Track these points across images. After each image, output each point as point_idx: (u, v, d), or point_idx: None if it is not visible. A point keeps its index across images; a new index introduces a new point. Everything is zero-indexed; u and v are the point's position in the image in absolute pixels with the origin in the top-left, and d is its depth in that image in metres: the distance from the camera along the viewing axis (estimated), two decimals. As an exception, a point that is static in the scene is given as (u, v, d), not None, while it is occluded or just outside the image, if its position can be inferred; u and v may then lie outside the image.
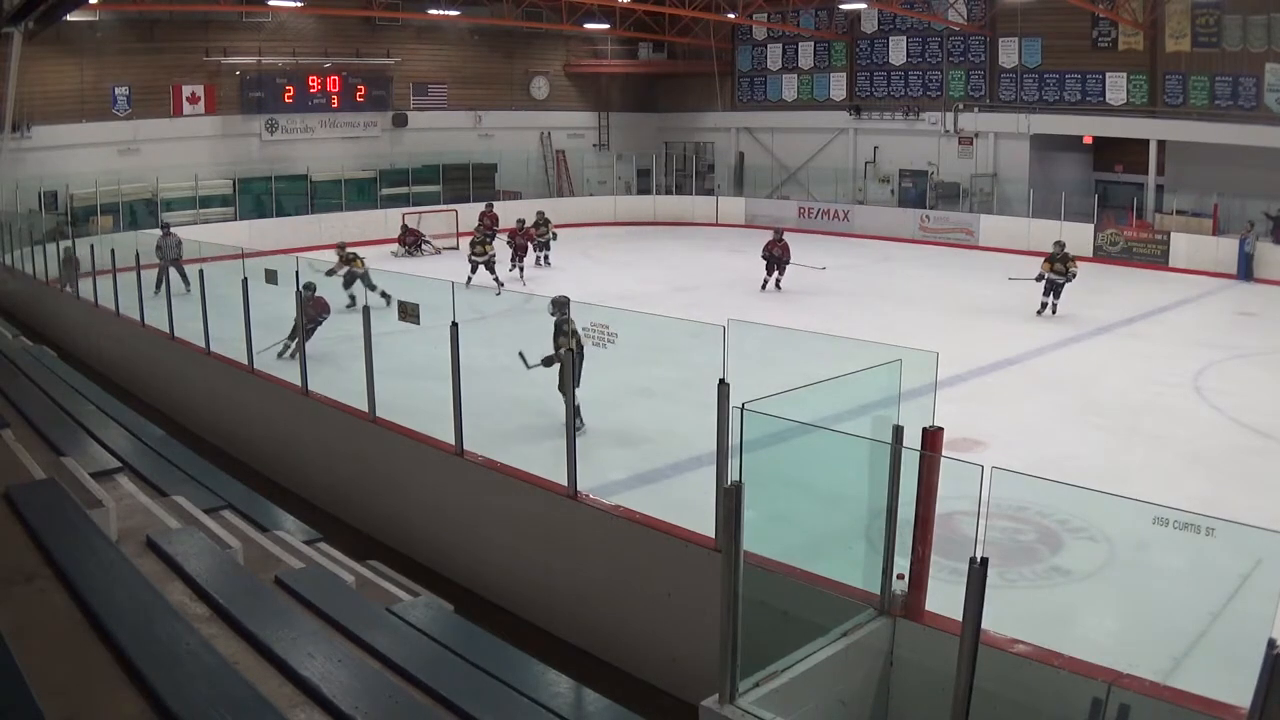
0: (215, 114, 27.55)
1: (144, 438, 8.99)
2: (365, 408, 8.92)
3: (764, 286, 20.19)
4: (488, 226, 23.79)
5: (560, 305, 10.58)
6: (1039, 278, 17.85)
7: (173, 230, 19.99)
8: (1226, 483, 9.42)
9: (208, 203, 26.44)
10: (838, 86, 31.67)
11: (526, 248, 21.73)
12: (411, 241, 26.05)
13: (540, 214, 23.79)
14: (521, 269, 21.34)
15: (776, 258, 20.20)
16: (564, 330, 10.48)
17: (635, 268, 23.57)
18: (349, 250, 18.11)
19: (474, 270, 19.67)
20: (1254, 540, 3.55)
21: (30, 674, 2.74)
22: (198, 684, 3.33)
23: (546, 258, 23.30)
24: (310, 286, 12.54)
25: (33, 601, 3.84)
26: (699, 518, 6.15)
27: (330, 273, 16.61)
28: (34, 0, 13.47)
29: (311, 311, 12.70)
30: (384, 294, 13.45)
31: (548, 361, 10.15)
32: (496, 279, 19.47)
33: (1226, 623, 4.96)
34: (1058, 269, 17.67)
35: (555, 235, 23.69)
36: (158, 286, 14.37)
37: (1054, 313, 17.61)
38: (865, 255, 25.80)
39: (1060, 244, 18.19)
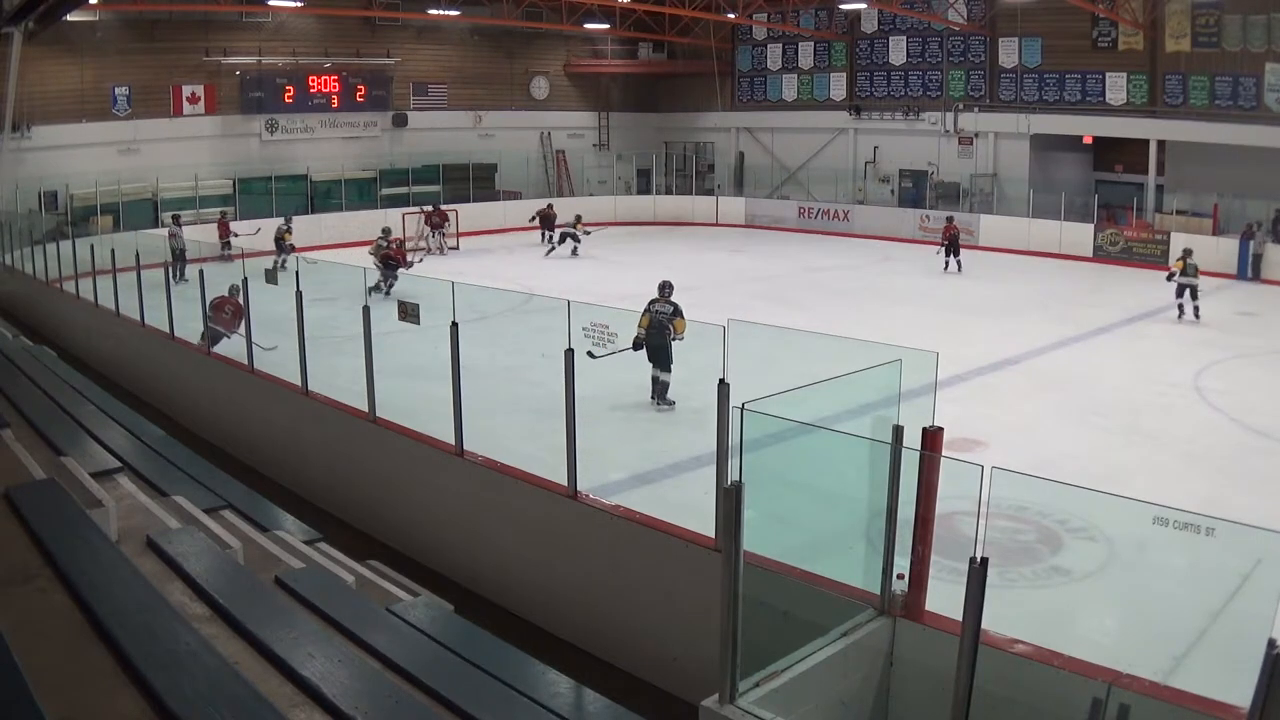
0: (215, 114, 27.57)
1: (144, 438, 8.99)
2: (366, 408, 8.92)
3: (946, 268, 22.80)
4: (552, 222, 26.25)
5: (661, 288, 11.78)
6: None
7: (182, 224, 20.28)
8: (1226, 483, 9.42)
9: (208, 203, 26.43)
10: (838, 86, 31.67)
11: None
12: (437, 223, 26.00)
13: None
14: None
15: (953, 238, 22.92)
16: (648, 309, 11.39)
17: (635, 268, 23.54)
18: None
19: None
20: (1254, 540, 3.55)
21: (30, 674, 2.74)
22: (198, 684, 3.33)
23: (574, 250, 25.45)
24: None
25: (33, 601, 3.84)
26: (699, 518, 6.15)
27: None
28: (34, 0, 13.46)
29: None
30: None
31: (635, 345, 10.91)
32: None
33: (1226, 623, 4.96)
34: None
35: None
36: (176, 277, 14.88)
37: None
38: (865, 255, 25.80)
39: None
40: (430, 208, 26.59)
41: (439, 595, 6.91)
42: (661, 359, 11.44)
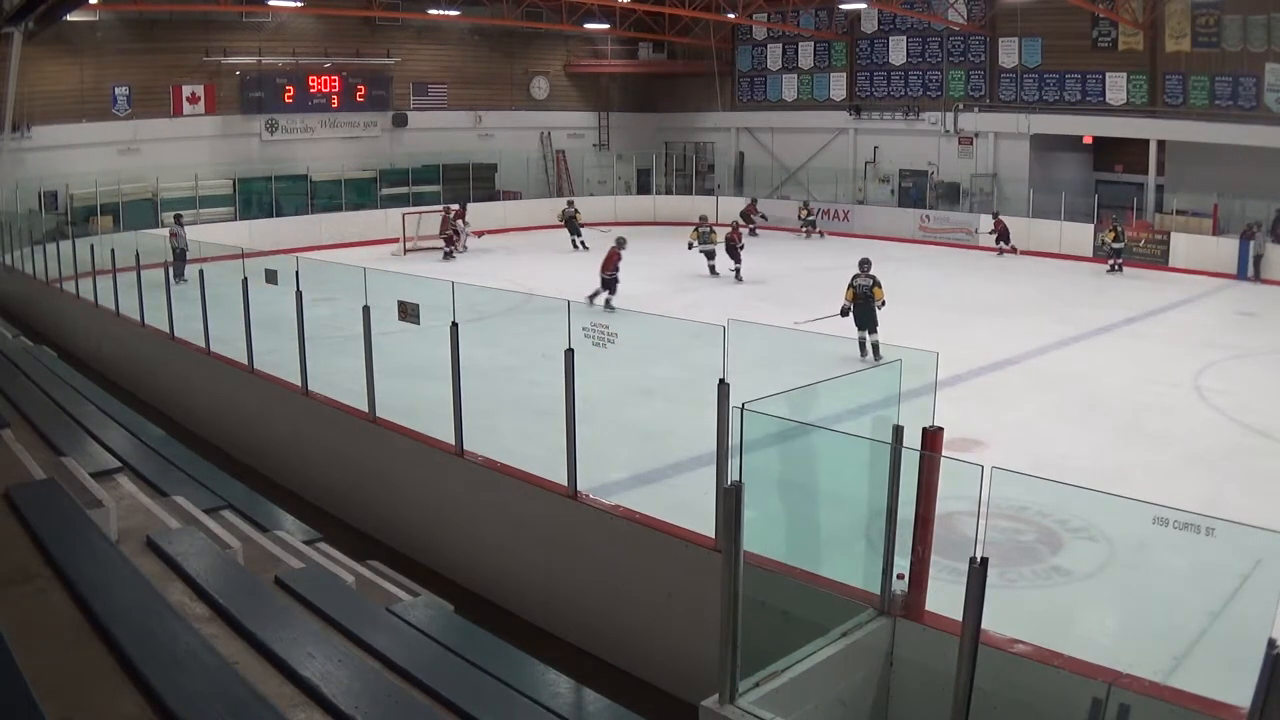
0: (215, 114, 27.55)
1: (144, 438, 8.99)
2: (366, 408, 8.92)
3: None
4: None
5: (861, 264, 14.40)
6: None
7: (184, 224, 20.34)
8: (1226, 483, 9.42)
9: (208, 203, 26.42)
10: (838, 86, 31.66)
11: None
12: (450, 233, 25.90)
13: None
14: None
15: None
16: (852, 283, 13.96)
17: (636, 268, 23.48)
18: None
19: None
20: (1254, 540, 3.55)
21: (30, 674, 2.74)
22: (198, 684, 3.33)
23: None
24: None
25: (33, 601, 3.85)
26: (699, 518, 6.15)
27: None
28: (34, 0, 13.47)
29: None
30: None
31: (843, 312, 13.82)
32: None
33: (1226, 623, 4.96)
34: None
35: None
36: (177, 277, 14.99)
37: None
38: (865, 255, 25.72)
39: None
40: (459, 206, 26.66)
41: (439, 595, 6.91)
42: (868, 323, 13.45)
